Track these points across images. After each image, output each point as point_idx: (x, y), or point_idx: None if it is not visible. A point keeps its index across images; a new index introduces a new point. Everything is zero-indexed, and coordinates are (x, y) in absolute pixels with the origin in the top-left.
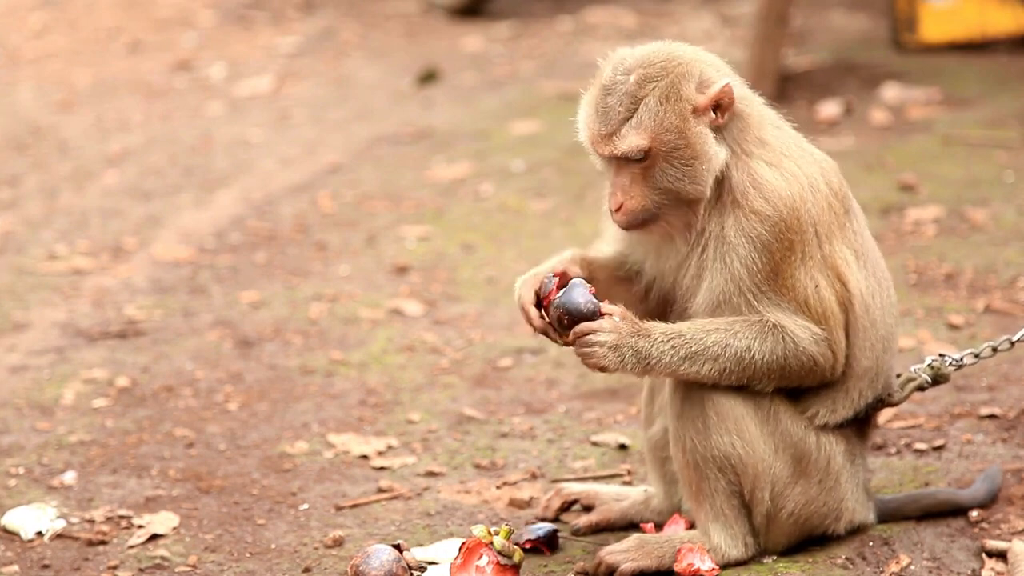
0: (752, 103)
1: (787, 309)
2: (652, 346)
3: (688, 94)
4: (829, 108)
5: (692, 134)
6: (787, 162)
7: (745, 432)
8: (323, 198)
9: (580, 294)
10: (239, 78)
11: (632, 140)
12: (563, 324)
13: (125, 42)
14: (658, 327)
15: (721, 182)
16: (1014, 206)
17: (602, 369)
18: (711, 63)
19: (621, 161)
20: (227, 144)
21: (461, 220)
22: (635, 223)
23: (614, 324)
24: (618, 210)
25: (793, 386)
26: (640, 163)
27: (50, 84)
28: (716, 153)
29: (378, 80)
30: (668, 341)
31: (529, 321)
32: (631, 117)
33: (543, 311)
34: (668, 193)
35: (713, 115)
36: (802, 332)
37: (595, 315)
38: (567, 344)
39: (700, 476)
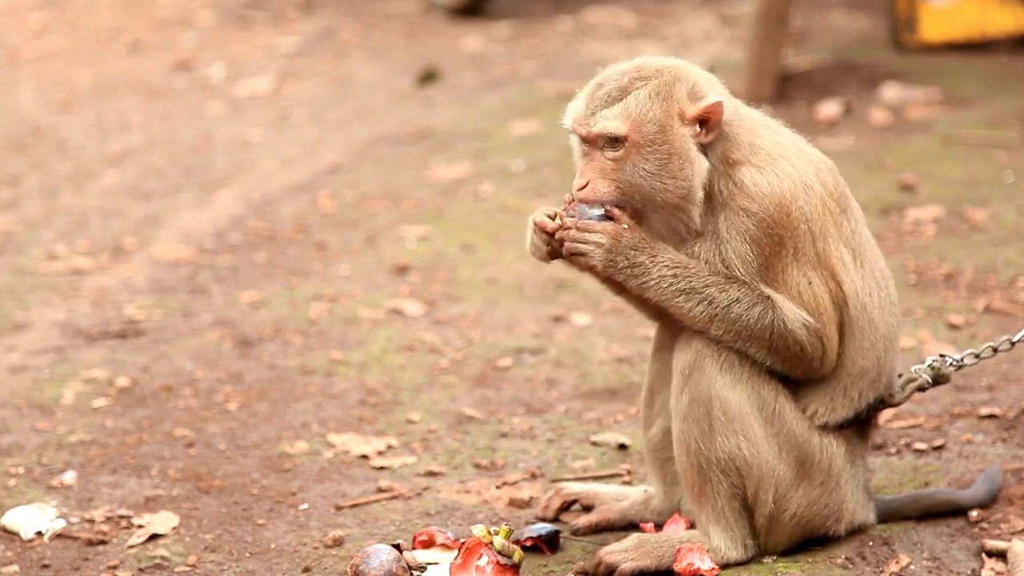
0: (744, 117)
1: (781, 296)
2: (654, 267)
3: (679, 96)
4: (829, 108)
5: (673, 132)
6: (781, 162)
7: (751, 433)
8: (323, 198)
9: (593, 208)
10: (239, 78)
11: (611, 122)
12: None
13: (125, 42)
14: (668, 251)
15: (708, 193)
16: (1014, 206)
17: (589, 268)
18: (707, 79)
19: (596, 147)
20: (227, 144)
21: (461, 220)
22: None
23: (617, 230)
24: (583, 188)
25: (781, 371)
26: (614, 152)
27: (50, 84)
28: (697, 159)
29: (378, 80)
30: (672, 268)
31: (544, 229)
32: (617, 103)
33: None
34: (636, 189)
35: (698, 129)
36: (792, 315)
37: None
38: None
39: (703, 479)
